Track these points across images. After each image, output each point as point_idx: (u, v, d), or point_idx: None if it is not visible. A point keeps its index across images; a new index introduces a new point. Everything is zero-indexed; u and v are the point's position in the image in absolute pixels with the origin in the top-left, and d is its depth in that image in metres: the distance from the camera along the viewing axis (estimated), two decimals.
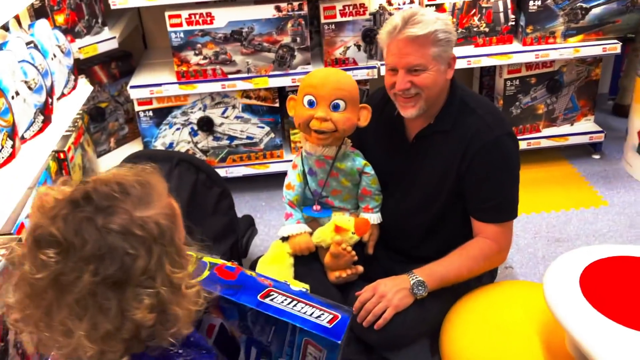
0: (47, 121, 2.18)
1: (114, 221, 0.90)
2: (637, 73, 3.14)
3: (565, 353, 1.73)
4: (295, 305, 1.20)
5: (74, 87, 2.56)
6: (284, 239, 2.04)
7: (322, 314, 1.19)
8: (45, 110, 2.16)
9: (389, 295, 1.83)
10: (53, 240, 0.89)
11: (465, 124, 1.90)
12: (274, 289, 1.26)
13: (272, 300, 1.21)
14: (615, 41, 3.13)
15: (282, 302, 1.21)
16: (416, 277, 1.87)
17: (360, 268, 2.00)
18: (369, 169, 2.03)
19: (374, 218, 2.08)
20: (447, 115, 1.92)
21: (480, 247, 1.93)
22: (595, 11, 3.07)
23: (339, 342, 1.14)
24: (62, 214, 0.91)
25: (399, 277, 1.89)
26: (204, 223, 2.16)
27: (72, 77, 2.55)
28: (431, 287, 1.87)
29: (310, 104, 1.84)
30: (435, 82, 1.84)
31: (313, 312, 1.18)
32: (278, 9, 2.83)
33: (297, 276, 1.98)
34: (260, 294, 1.22)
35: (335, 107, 1.83)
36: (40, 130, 2.14)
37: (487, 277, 2.15)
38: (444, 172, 1.95)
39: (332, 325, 1.17)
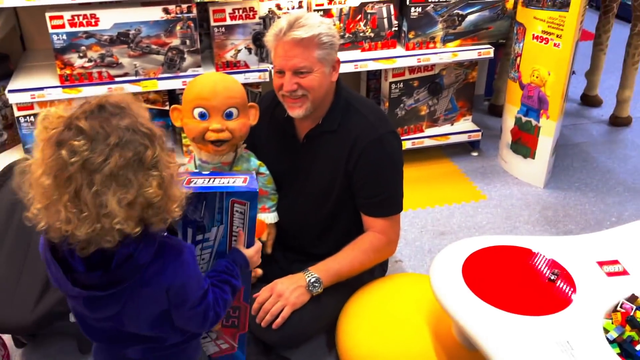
0: None
1: (125, 121, 1.15)
2: (509, 76, 3.39)
3: (452, 339, 1.86)
4: (214, 181, 1.49)
5: None
6: None
7: (236, 179, 1.50)
8: None
9: (286, 294, 1.88)
10: (81, 132, 1.12)
11: (350, 124, 1.99)
12: (192, 176, 1.52)
13: (195, 183, 1.48)
14: (489, 46, 3.36)
15: (203, 182, 1.50)
16: (312, 275, 1.93)
17: (260, 271, 2.01)
18: (264, 169, 2.06)
19: (271, 217, 2.11)
20: (333, 116, 2.00)
21: (371, 240, 2.03)
22: (470, 18, 3.28)
23: (256, 190, 1.47)
24: (82, 116, 1.14)
25: (295, 276, 1.94)
26: None
27: None
28: (326, 283, 1.94)
29: (202, 116, 1.79)
30: (321, 83, 1.91)
31: (229, 181, 1.49)
32: (166, 11, 2.79)
33: None
34: (184, 183, 1.48)
35: (229, 116, 1.82)
36: None
37: (378, 271, 2.25)
38: (333, 171, 2.02)
39: (247, 182, 1.49)
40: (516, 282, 1.75)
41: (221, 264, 1.46)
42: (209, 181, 1.49)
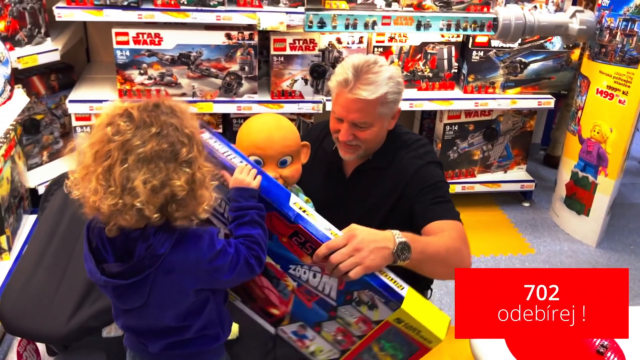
0: None
1: (172, 120, 1.26)
2: (568, 129, 3.29)
3: None
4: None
5: (9, 98, 2.46)
6: None
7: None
8: None
9: (364, 252, 1.47)
10: (129, 116, 1.23)
11: (402, 161, 1.93)
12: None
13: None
14: (550, 96, 3.28)
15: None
16: (401, 238, 1.54)
17: None
18: (310, 205, 2.03)
19: None
20: (385, 153, 1.96)
21: (451, 229, 1.76)
22: (533, 66, 3.21)
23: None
24: (136, 108, 1.24)
25: (379, 233, 1.55)
26: None
27: (8, 87, 2.45)
28: (413, 256, 1.55)
29: (257, 163, 1.73)
30: (378, 136, 1.88)
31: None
32: (228, 36, 2.82)
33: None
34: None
35: (283, 163, 1.78)
36: None
37: None
38: (375, 207, 1.97)
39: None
40: (562, 352, 1.65)
41: (229, 217, 1.45)
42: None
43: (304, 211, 1.47)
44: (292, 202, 1.47)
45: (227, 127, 3.09)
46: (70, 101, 2.86)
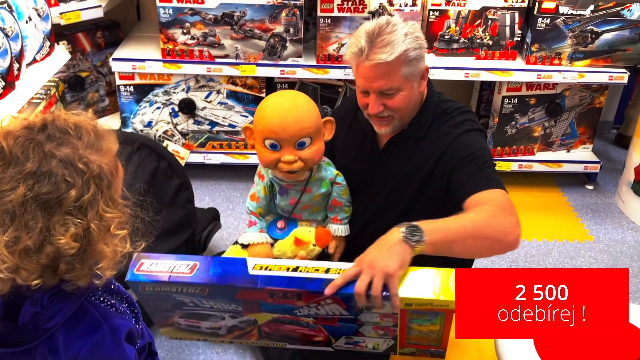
0: (9, 87, 2.07)
1: (60, 150, 0.95)
2: None
3: None
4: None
5: (48, 54, 2.44)
6: (244, 246, 1.93)
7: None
8: (7, 76, 2.05)
9: (379, 262, 1.37)
10: (0, 151, 0.94)
11: (439, 131, 1.80)
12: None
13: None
14: (623, 71, 2.98)
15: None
16: (408, 224, 1.44)
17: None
18: (341, 179, 1.92)
19: (342, 229, 1.96)
20: (421, 122, 1.83)
21: (490, 200, 1.60)
22: (606, 36, 2.92)
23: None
24: (14, 134, 0.96)
25: (384, 237, 1.46)
26: (159, 214, 2.05)
27: (48, 42, 2.43)
28: (429, 237, 1.43)
29: (274, 147, 1.69)
30: (409, 100, 1.74)
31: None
32: None
33: None
34: None
35: (301, 145, 1.70)
36: (0, 96, 2.03)
37: None
38: (407, 181, 1.85)
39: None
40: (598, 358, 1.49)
41: None
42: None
43: (266, 267, 1.41)
44: (250, 268, 1.40)
45: (272, 91, 2.99)
46: (114, 59, 2.83)
